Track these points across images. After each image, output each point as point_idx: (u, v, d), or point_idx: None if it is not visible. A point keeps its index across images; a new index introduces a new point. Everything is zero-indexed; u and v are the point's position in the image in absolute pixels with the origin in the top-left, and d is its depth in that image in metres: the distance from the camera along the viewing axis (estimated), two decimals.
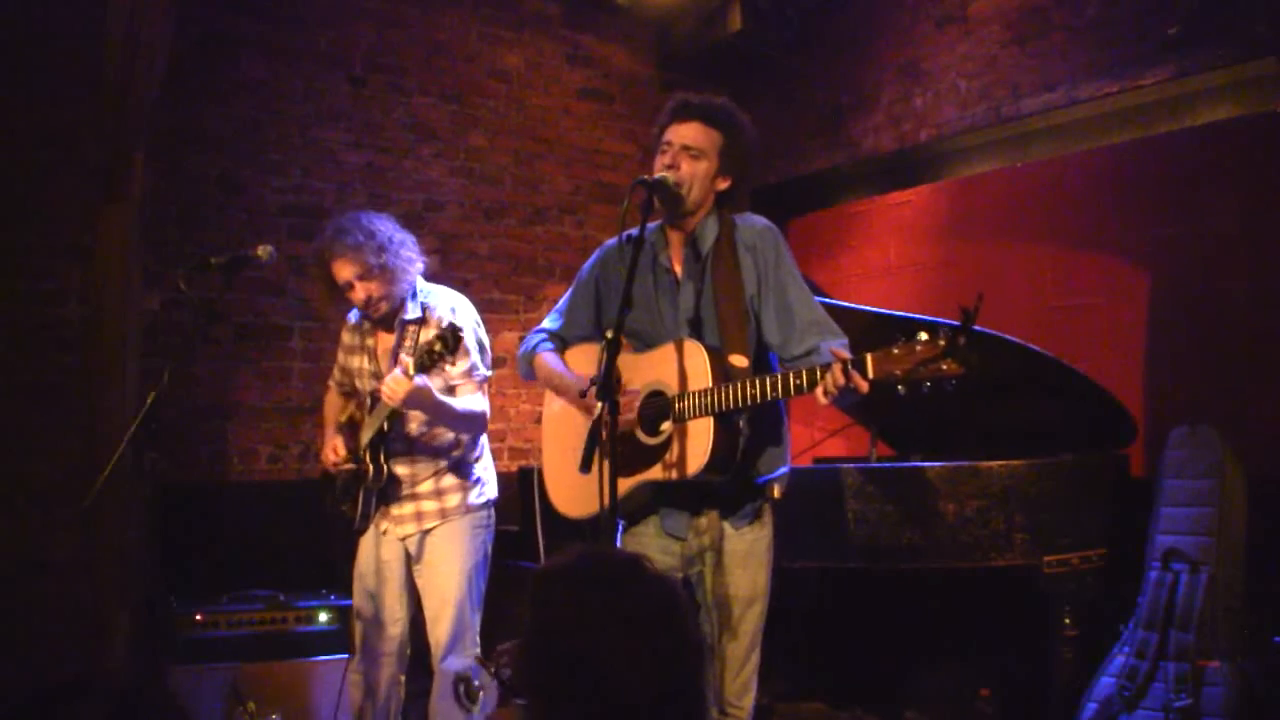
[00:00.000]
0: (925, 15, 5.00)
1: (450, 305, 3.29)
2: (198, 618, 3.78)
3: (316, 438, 4.71)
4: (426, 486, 3.26)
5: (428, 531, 3.26)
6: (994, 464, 3.40)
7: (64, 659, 3.88)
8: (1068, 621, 3.43)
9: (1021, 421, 3.74)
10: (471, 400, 3.21)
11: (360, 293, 3.19)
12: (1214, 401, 3.91)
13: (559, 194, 5.51)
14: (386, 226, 3.23)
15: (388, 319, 3.30)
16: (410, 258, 3.25)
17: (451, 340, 2.86)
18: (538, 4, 5.46)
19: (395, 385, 2.96)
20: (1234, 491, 3.40)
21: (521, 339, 2.98)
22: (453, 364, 3.01)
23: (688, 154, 2.62)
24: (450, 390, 3.20)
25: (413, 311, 3.26)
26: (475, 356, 3.24)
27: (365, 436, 3.24)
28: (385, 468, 3.21)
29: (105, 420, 3.82)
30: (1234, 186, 3.98)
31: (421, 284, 3.32)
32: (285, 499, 4.53)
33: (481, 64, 5.28)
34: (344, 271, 3.18)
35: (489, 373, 3.31)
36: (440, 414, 3.15)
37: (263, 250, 3.07)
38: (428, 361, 2.91)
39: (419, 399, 3.01)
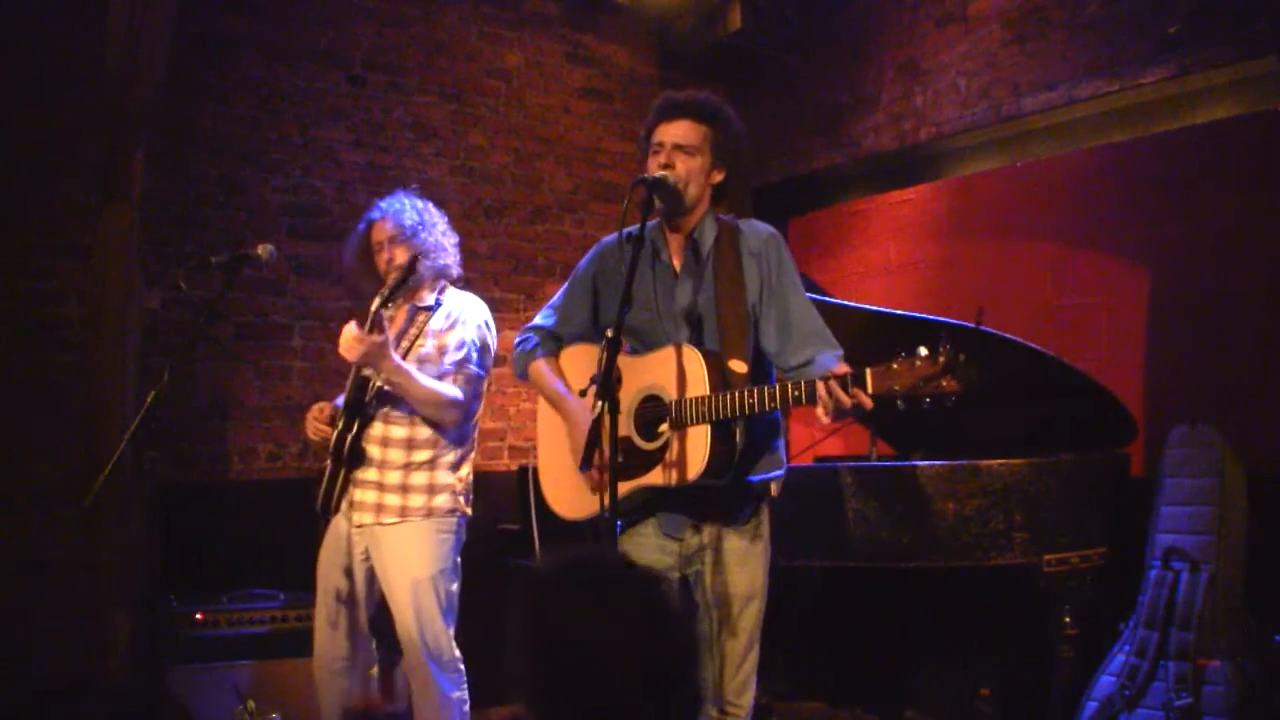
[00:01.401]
0: (925, 14, 5.00)
1: (465, 303, 3.30)
2: (198, 617, 3.78)
3: None
4: (393, 478, 3.16)
5: (384, 526, 3.16)
6: (994, 463, 3.41)
7: (64, 659, 3.88)
8: (1068, 620, 3.43)
9: (1021, 420, 3.74)
10: (447, 387, 3.15)
11: (385, 254, 3.25)
12: (1214, 400, 3.91)
13: (559, 193, 5.50)
14: (436, 213, 3.35)
15: (403, 304, 3.30)
16: (445, 247, 3.31)
17: (409, 267, 2.99)
18: (538, 3, 5.46)
19: (348, 336, 3.02)
20: (1234, 490, 3.40)
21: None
22: (409, 295, 3.12)
23: (681, 151, 2.62)
24: (439, 379, 3.17)
25: (427, 300, 3.28)
26: (471, 352, 3.21)
27: (343, 399, 3.21)
28: (351, 438, 3.15)
29: (105, 419, 3.81)
30: (1234, 185, 3.98)
31: (449, 285, 3.36)
32: (285, 498, 4.52)
33: (481, 63, 5.28)
34: (380, 232, 3.27)
35: (481, 373, 3.26)
36: (399, 378, 3.07)
37: (263, 249, 3.07)
38: (389, 294, 3.00)
39: (374, 354, 3.01)
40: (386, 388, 3.16)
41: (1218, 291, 3.99)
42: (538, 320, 2.89)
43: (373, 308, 3.05)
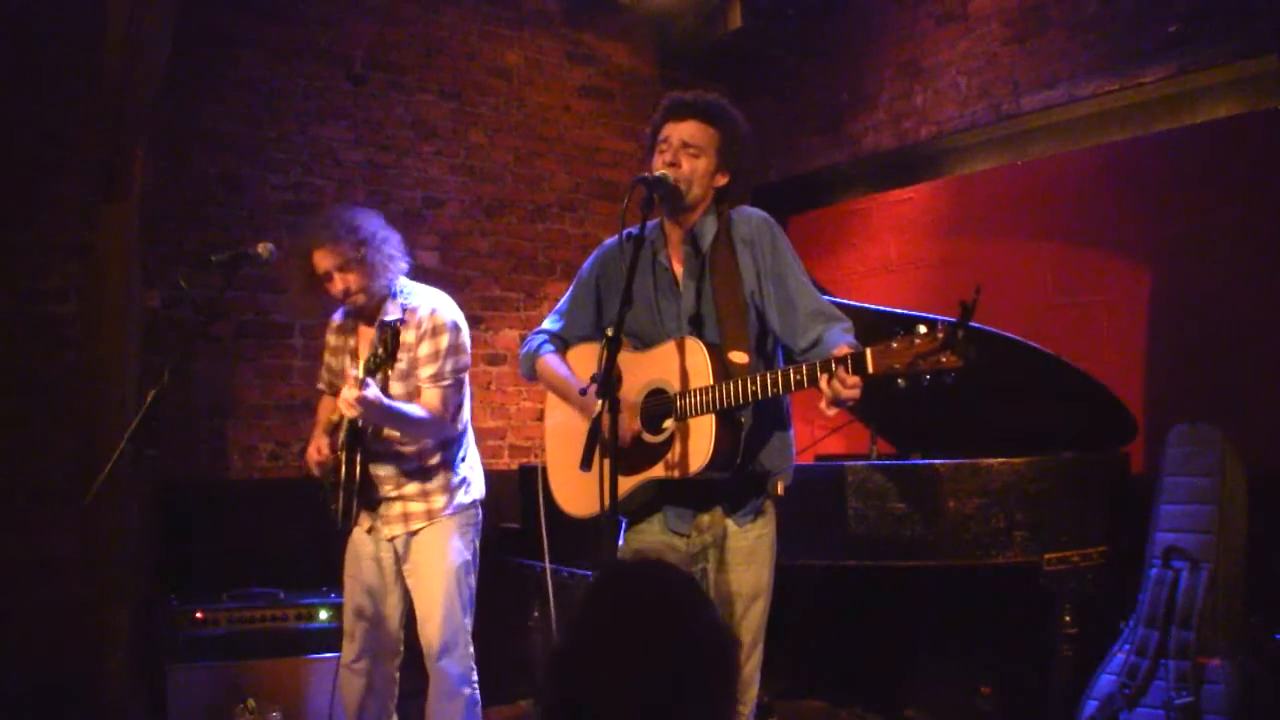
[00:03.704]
0: (925, 13, 5.00)
1: (431, 306, 3.27)
2: (198, 615, 3.77)
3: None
4: (412, 488, 3.25)
5: (414, 533, 3.25)
6: (994, 461, 3.40)
7: (64, 658, 3.87)
8: (1068, 619, 3.42)
9: (1022, 419, 3.74)
10: (427, 407, 3.17)
11: (338, 284, 3.21)
12: (1214, 399, 3.91)
13: (559, 191, 5.51)
14: (370, 222, 3.25)
15: (369, 317, 3.30)
16: (392, 255, 3.25)
17: (391, 343, 2.94)
18: (538, 2, 5.46)
19: (347, 398, 2.98)
20: (1234, 488, 3.40)
21: (523, 338, 2.98)
22: (392, 366, 3.05)
23: (687, 151, 2.62)
24: (416, 393, 3.20)
25: (393, 313, 3.25)
26: (444, 363, 3.21)
27: (340, 436, 3.24)
28: (358, 469, 3.20)
29: (105, 418, 3.81)
30: (1235, 184, 3.97)
31: (405, 284, 3.31)
32: (286, 497, 4.52)
33: (482, 62, 5.28)
34: (323, 262, 3.20)
35: (455, 381, 3.25)
36: (394, 421, 3.14)
37: (263, 248, 3.08)
38: (373, 365, 2.98)
39: (370, 409, 3.01)
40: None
41: (1218, 290, 3.99)
42: (544, 324, 2.91)
43: (360, 373, 3.03)
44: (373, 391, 2.98)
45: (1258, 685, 3.19)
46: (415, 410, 3.16)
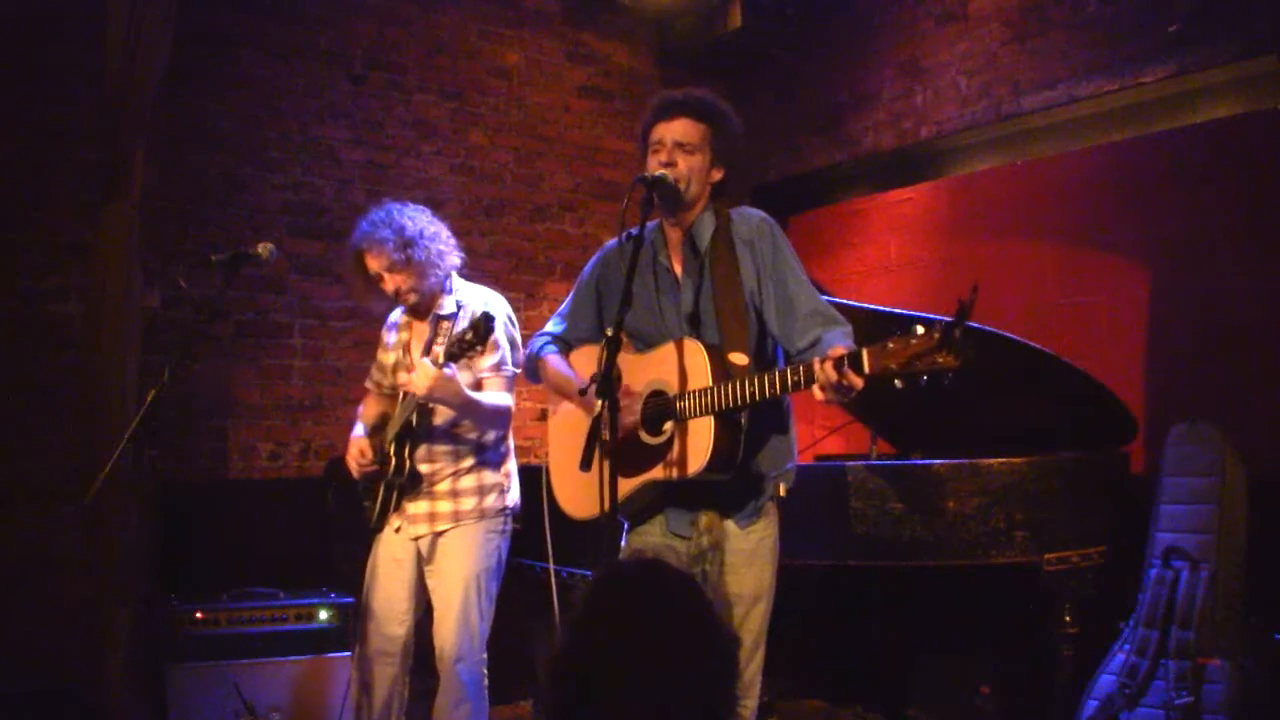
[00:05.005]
0: (925, 12, 5.00)
1: (483, 300, 3.32)
2: (198, 615, 3.77)
3: (317, 436, 4.71)
4: (444, 486, 3.26)
5: (440, 533, 3.25)
6: (994, 461, 3.40)
7: (64, 658, 3.87)
8: (1068, 619, 3.43)
9: (1022, 419, 3.74)
10: (497, 396, 3.22)
11: (389, 284, 3.25)
12: (1214, 398, 3.91)
13: (559, 191, 5.50)
14: (418, 220, 3.27)
15: (421, 313, 3.33)
16: (441, 251, 3.28)
17: (483, 328, 2.92)
18: (538, 1, 5.46)
19: (422, 373, 3.00)
20: (1234, 489, 3.40)
21: (526, 341, 2.99)
22: (482, 354, 3.08)
23: (681, 150, 2.62)
24: (477, 385, 3.21)
25: (447, 307, 3.30)
26: (505, 351, 3.25)
27: (391, 431, 3.25)
28: (409, 464, 3.22)
29: (105, 418, 3.80)
30: (1235, 184, 3.97)
31: (456, 281, 3.36)
32: (286, 497, 4.53)
33: (482, 61, 5.28)
34: (373, 264, 3.24)
35: (517, 370, 3.29)
36: (466, 409, 3.15)
37: (263, 248, 3.09)
38: (457, 350, 2.97)
39: (445, 390, 3.03)
40: (442, 423, 3.24)
41: (1218, 290, 3.99)
42: (548, 327, 2.92)
43: (441, 359, 3.05)
44: (451, 370, 3.02)
45: (1257, 685, 3.19)
46: (487, 398, 3.19)
